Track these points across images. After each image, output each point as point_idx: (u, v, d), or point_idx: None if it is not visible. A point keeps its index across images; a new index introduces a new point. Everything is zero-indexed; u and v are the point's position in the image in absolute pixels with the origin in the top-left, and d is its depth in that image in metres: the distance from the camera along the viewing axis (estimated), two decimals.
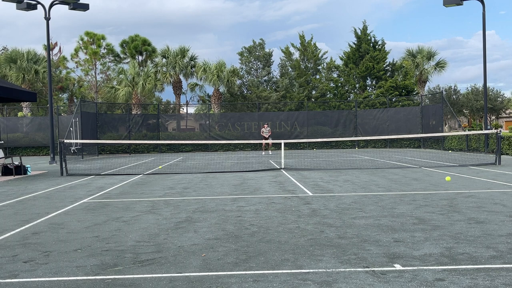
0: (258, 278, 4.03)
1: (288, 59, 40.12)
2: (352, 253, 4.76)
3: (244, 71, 40.85)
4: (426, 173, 12.79)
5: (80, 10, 21.62)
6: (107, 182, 12.30)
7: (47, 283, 4.04)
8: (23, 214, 7.59)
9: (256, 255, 4.77)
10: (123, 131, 31.09)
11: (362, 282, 3.87)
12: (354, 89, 37.31)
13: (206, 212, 7.36)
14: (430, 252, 4.72)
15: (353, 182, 11.15)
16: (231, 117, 32.89)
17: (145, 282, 4.00)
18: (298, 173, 13.52)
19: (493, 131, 17.36)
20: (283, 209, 7.44)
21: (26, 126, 30.79)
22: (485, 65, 22.46)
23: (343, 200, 8.28)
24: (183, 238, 5.59)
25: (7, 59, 34.41)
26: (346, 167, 15.46)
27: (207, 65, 36.30)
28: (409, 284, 3.81)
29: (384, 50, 36.48)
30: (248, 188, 10.28)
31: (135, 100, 35.30)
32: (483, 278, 3.91)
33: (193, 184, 11.35)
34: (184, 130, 35.51)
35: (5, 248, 5.29)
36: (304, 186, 10.43)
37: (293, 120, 32.12)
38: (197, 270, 4.31)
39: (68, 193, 10.22)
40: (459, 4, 22.37)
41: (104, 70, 40.58)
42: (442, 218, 6.37)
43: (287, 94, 38.04)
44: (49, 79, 21.62)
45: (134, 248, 5.16)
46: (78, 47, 39.08)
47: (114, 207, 8.08)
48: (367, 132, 30.79)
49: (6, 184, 12.68)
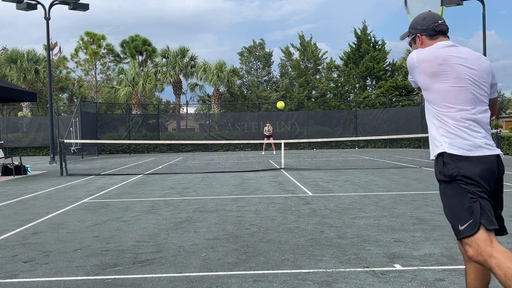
0: (258, 278, 4.03)
1: (288, 59, 40.14)
2: (352, 253, 4.76)
3: (244, 71, 40.89)
4: (426, 173, 12.79)
5: (80, 10, 21.61)
6: (107, 182, 12.30)
7: (47, 283, 4.04)
8: (23, 214, 7.59)
9: (256, 255, 4.77)
10: (123, 131, 31.09)
11: (362, 282, 3.87)
12: (354, 89, 37.32)
13: (206, 212, 7.36)
14: (430, 252, 4.72)
15: (353, 182, 11.15)
16: (231, 117, 32.90)
17: (145, 282, 3.99)
18: (298, 173, 13.52)
19: (493, 131, 17.37)
20: (283, 209, 7.44)
21: (26, 126, 30.77)
22: None
23: (343, 200, 8.28)
24: (183, 238, 5.59)
25: (8, 59, 34.42)
26: (346, 167, 15.46)
27: (207, 65, 36.31)
28: (409, 284, 3.81)
29: (384, 50, 36.49)
30: (248, 188, 10.28)
31: (135, 100, 35.30)
32: None
33: (193, 184, 11.35)
34: (184, 130, 35.52)
35: (5, 248, 5.29)
36: (304, 186, 10.43)
37: (293, 120, 32.11)
38: (197, 270, 4.31)
39: (68, 193, 10.22)
40: (459, 4, 22.34)
41: (104, 70, 40.62)
42: (442, 218, 6.37)
43: (287, 94, 38.05)
44: (49, 79, 21.61)
45: (134, 248, 5.16)
46: (78, 47, 39.10)
47: (114, 207, 8.08)
48: (367, 132, 30.78)
49: (6, 184, 12.68)
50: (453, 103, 2.68)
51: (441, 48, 2.80)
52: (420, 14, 2.98)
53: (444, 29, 2.89)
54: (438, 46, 2.82)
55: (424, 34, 2.91)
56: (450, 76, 2.69)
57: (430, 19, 2.91)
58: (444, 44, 2.83)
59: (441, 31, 2.88)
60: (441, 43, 2.85)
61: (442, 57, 2.73)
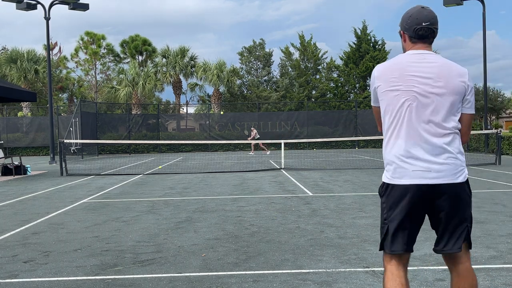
0: (258, 278, 4.03)
1: (288, 59, 40.11)
2: (352, 253, 4.76)
3: (244, 71, 40.87)
4: None
5: (80, 10, 21.62)
6: (107, 182, 12.30)
7: (47, 283, 4.03)
8: (23, 214, 7.59)
9: (256, 255, 4.76)
10: (123, 131, 31.09)
11: (362, 282, 3.87)
12: (354, 89, 37.31)
13: (206, 212, 7.36)
14: (430, 252, 4.71)
15: (353, 182, 11.14)
16: (231, 117, 32.89)
17: (145, 282, 3.99)
18: (298, 173, 13.52)
19: (493, 131, 17.37)
20: (283, 209, 7.44)
21: (26, 126, 30.78)
22: (485, 65, 22.46)
23: (343, 200, 8.28)
24: (183, 238, 5.59)
25: (8, 59, 34.41)
26: (346, 167, 15.46)
27: (207, 65, 36.30)
28: (409, 284, 3.80)
29: (384, 50, 36.49)
30: (248, 188, 10.28)
31: (135, 100, 35.29)
32: (483, 278, 3.90)
33: (193, 184, 11.34)
34: (184, 130, 35.51)
35: (5, 248, 5.29)
36: (304, 186, 10.42)
37: (293, 120, 32.12)
38: (197, 270, 4.31)
39: (68, 193, 10.22)
40: (459, 4, 22.36)
41: (104, 70, 40.62)
42: None
43: (287, 94, 38.04)
44: (49, 79, 21.61)
45: (134, 248, 5.16)
46: (78, 47, 39.10)
47: (114, 207, 8.08)
48: (367, 132, 30.78)
49: (6, 184, 12.68)
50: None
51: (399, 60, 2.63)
52: (410, 9, 2.67)
53: (426, 35, 2.61)
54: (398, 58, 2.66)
55: (406, 34, 2.67)
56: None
57: (414, 19, 2.61)
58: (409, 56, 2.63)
59: (422, 36, 2.62)
60: (409, 52, 2.65)
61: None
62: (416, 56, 2.61)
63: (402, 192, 2.56)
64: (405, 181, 2.55)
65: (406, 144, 2.56)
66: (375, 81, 2.67)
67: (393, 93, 2.59)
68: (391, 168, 2.62)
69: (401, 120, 2.57)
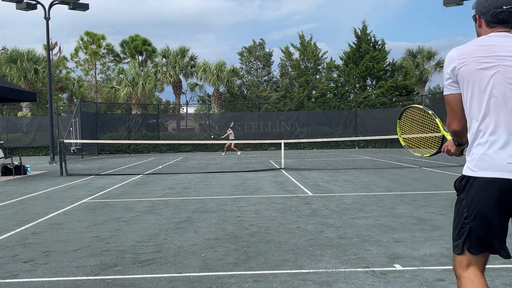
0: (258, 278, 4.03)
1: (288, 59, 40.10)
2: (352, 253, 4.76)
3: (244, 71, 40.86)
4: (426, 173, 12.79)
5: (80, 10, 21.60)
6: (107, 182, 12.29)
7: (47, 283, 4.03)
8: (23, 214, 7.58)
9: (256, 255, 4.76)
10: (123, 131, 31.09)
11: (362, 282, 3.87)
12: (354, 89, 37.29)
13: (206, 212, 7.36)
14: (430, 252, 4.71)
15: (353, 182, 11.14)
16: (231, 117, 32.89)
17: (145, 282, 3.99)
18: (298, 173, 13.52)
19: None
20: (283, 209, 7.44)
21: (26, 126, 30.78)
22: None
23: (343, 200, 8.28)
24: (183, 238, 5.59)
25: (8, 59, 34.41)
26: (346, 167, 15.46)
27: (207, 65, 36.28)
28: (409, 284, 3.80)
29: (384, 50, 36.46)
30: (248, 188, 10.28)
31: (135, 100, 35.29)
32: None
33: (193, 184, 11.34)
34: (184, 130, 35.50)
35: (5, 248, 5.29)
36: (304, 186, 10.42)
37: (293, 120, 32.12)
38: (197, 270, 4.31)
39: (68, 193, 10.22)
40: (459, 4, 22.34)
41: (104, 70, 40.60)
42: (442, 218, 6.37)
43: (287, 94, 38.03)
44: (49, 79, 21.61)
45: (134, 248, 5.16)
46: (78, 47, 39.08)
47: (114, 207, 8.08)
48: (367, 132, 30.77)
49: (6, 184, 12.68)
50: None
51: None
52: None
53: (507, 19, 2.39)
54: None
55: (482, 18, 2.46)
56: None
57: (493, 2, 2.39)
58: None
59: (502, 20, 2.39)
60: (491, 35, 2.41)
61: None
62: (501, 39, 2.39)
63: (492, 187, 2.32)
64: (495, 174, 2.30)
65: (506, 133, 2.29)
66: (455, 61, 2.41)
67: (487, 72, 2.33)
68: (479, 160, 2.35)
69: (497, 104, 2.31)
